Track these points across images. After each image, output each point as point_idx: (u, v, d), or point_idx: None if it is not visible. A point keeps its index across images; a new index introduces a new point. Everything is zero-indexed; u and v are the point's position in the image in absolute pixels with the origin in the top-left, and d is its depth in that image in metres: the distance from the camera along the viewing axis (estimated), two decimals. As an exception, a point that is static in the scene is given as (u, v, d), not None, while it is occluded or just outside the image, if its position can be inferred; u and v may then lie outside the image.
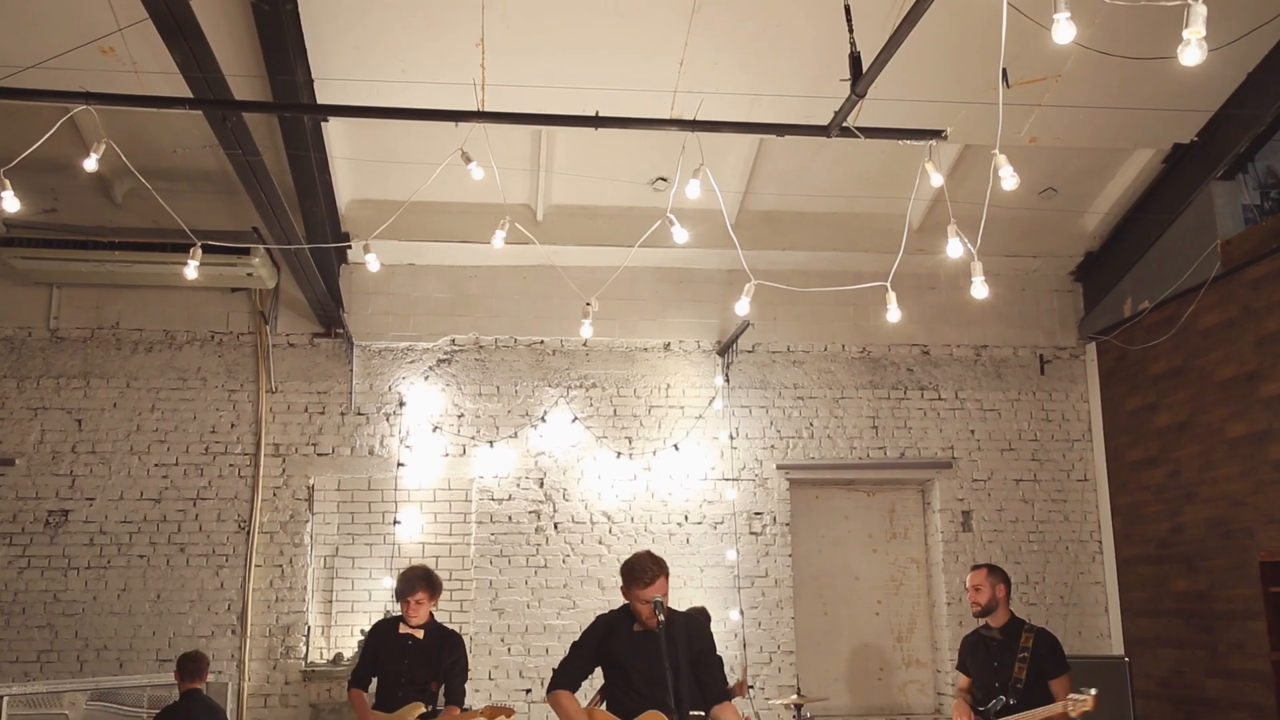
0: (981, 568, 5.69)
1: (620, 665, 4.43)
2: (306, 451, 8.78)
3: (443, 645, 5.83)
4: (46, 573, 8.37)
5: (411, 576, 5.90)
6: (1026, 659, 5.38)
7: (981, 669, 5.45)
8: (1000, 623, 5.53)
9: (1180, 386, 8.32)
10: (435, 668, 5.72)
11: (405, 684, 5.68)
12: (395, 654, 5.74)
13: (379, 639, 5.87)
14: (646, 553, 4.52)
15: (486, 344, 9.11)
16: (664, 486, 8.99)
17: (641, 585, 4.38)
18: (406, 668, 5.70)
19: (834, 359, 9.42)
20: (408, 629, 5.80)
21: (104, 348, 8.75)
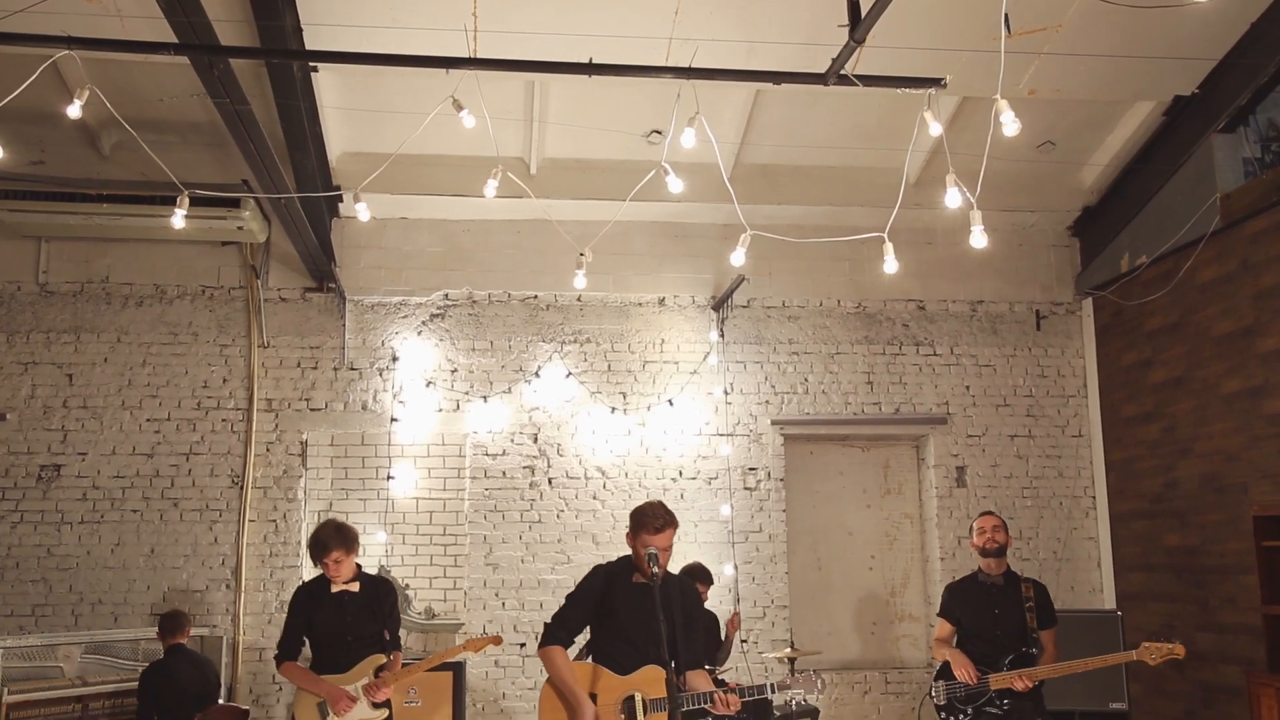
0: (995, 514, 5.67)
1: (616, 619, 4.35)
2: (299, 406, 8.74)
3: (379, 593, 5.51)
4: (40, 527, 8.35)
5: (322, 536, 5.45)
6: (1032, 608, 5.41)
7: (979, 617, 5.41)
8: (1000, 571, 5.53)
9: (1176, 342, 8.29)
10: (380, 618, 5.43)
11: (353, 641, 5.35)
12: (334, 613, 5.37)
13: (309, 603, 5.43)
14: (659, 502, 4.45)
15: (480, 299, 9.05)
16: (658, 442, 8.97)
17: (650, 531, 4.31)
18: (351, 624, 5.35)
19: (829, 314, 9.38)
20: (340, 586, 5.42)
21: (94, 302, 8.67)
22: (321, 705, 5.29)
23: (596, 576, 4.52)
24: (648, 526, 4.32)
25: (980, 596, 5.47)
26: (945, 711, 5.32)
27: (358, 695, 5.30)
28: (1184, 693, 8.09)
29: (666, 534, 4.34)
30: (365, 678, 5.35)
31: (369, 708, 5.32)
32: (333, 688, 5.28)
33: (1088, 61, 7.19)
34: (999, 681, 5.23)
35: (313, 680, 5.30)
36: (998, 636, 5.37)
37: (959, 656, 5.33)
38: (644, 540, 4.32)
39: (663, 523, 4.35)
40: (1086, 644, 6.87)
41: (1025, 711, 5.25)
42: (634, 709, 4.17)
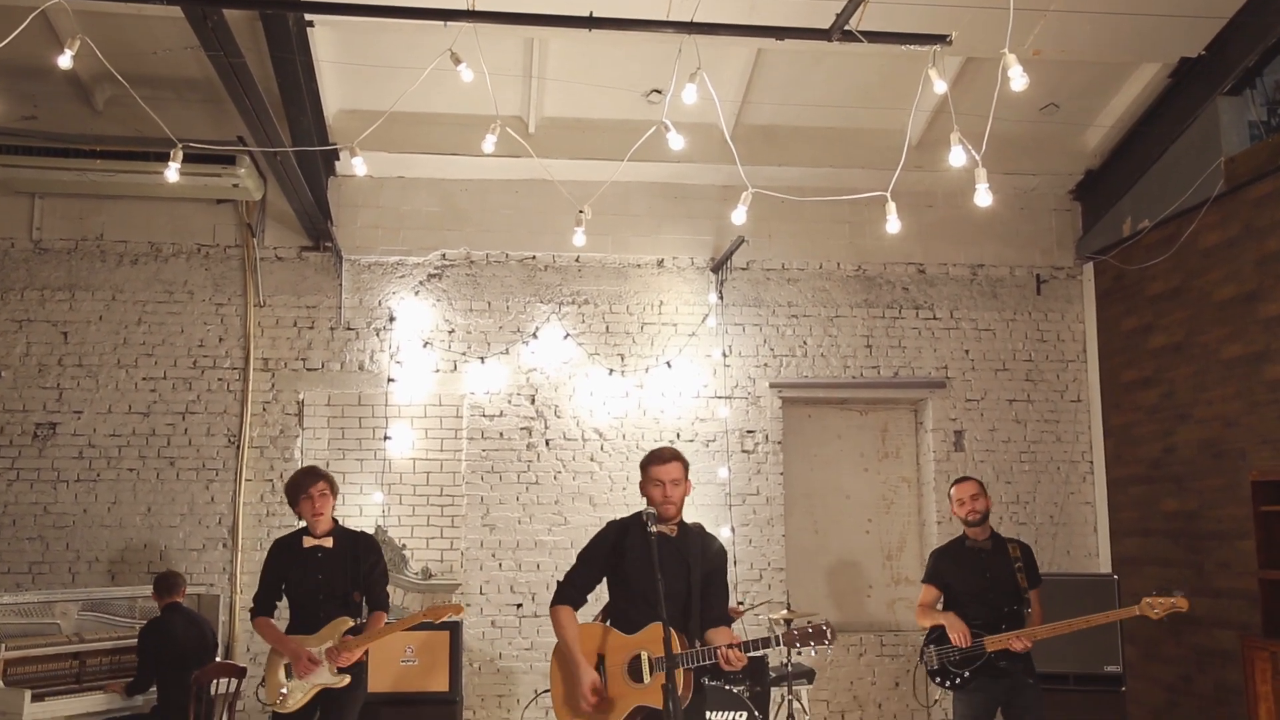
0: (972, 479, 5.58)
1: (627, 575, 4.23)
2: (296, 366, 8.70)
3: (356, 550, 5.28)
4: (36, 485, 8.33)
5: (305, 471, 5.29)
6: (1021, 569, 5.37)
7: (970, 580, 5.37)
8: (986, 535, 5.49)
9: (1177, 307, 8.25)
10: (354, 576, 5.21)
11: (324, 600, 5.16)
12: (305, 570, 5.18)
13: (282, 559, 5.27)
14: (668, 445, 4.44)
15: (478, 259, 8.98)
16: (656, 404, 8.95)
17: (657, 463, 4.23)
18: (322, 583, 5.15)
19: (829, 277, 9.32)
20: (314, 540, 5.22)
21: (88, 260, 8.61)
22: (289, 666, 5.14)
23: (608, 532, 4.39)
24: (654, 459, 4.26)
25: (970, 560, 5.42)
26: (939, 676, 5.29)
27: (320, 658, 5.10)
28: (1178, 657, 8.12)
29: (673, 465, 4.23)
30: (331, 640, 5.15)
31: (330, 673, 5.10)
32: (297, 648, 5.10)
33: (1093, 21, 7.10)
34: (995, 643, 5.20)
35: (280, 639, 5.16)
36: (990, 599, 5.34)
37: (954, 619, 5.26)
38: (651, 475, 4.22)
39: (669, 454, 4.28)
40: (1083, 607, 6.82)
41: (1018, 674, 5.23)
42: (640, 668, 4.07)
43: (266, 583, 5.32)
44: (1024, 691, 5.23)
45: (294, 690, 5.05)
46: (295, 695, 5.05)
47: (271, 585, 5.30)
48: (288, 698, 5.03)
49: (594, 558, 4.34)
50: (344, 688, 5.14)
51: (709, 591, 4.29)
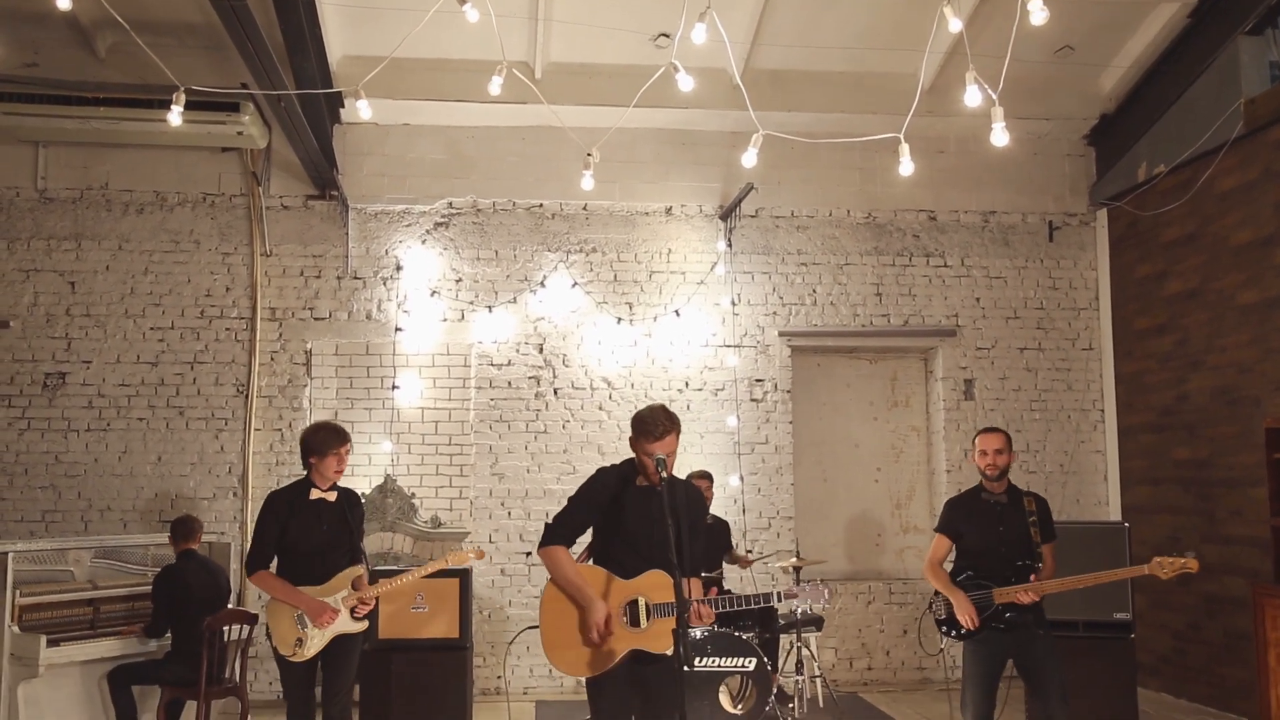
0: (1001, 431, 5.45)
1: (620, 522, 4.20)
2: (303, 316, 8.67)
3: (350, 503, 5.32)
4: (47, 435, 8.36)
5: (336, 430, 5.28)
6: (1035, 523, 5.30)
7: (985, 533, 5.31)
8: (1003, 489, 5.42)
9: (1192, 253, 8.16)
10: (354, 528, 5.27)
11: (329, 550, 5.17)
12: (312, 522, 5.17)
13: (286, 511, 5.18)
14: (661, 406, 4.21)
15: (484, 207, 8.92)
16: (664, 353, 8.91)
17: (651, 439, 4.10)
18: (328, 534, 5.16)
19: (839, 224, 9.24)
20: (319, 493, 5.21)
21: (94, 209, 8.56)
22: (300, 617, 5.11)
23: (602, 478, 4.33)
24: (649, 434, 4.12)
25: (985, 513, 5.34)
26: (947, 625, 5.26)
27: (340, 607, 5.13)
28: (1188, 605, 8.13)
29: (669, 440, 4.13)
30: (344, 589, 5.18)
31: (350, 620, 5.17)
32: (313, 600, 5.09)
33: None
34: (1003, 595, 5.17)
35: (291, 591, 5.10)
36: (1002, 552, 5.27)
37: (962, 601, 5.17)
38: (646, 448, 4.12)
39: (664, 429, 4.13)
40: (1093, 556, 6.86)
41: (1028, 625, 5.19)
42: (637, 613, 4.09)
43: (266, 535, 5.21)
44: (1035, 643, 5.16)
45: (312, 638, 5.07)
46: (314, 643, 5.07)
47: (270, 539, 5.20)
48: (306, 646, 5.05)
49: (590, 504, 4.27)
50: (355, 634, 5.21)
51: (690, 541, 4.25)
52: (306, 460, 5.30)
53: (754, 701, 5.97)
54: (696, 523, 4.35)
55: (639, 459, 4.19)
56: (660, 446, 4.11)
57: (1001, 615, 5.15)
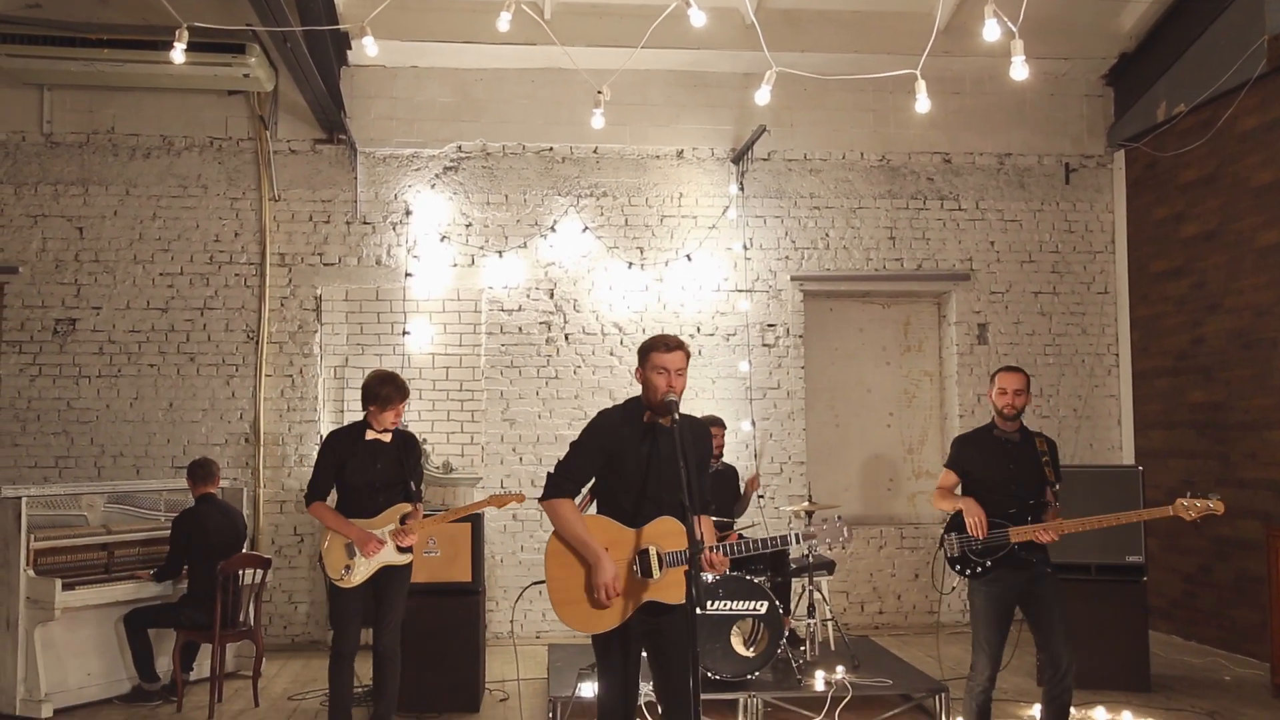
0: (1022, 372, 5.37)
1: (625, 465, 4.00)
2: (313, 261, 8.63)
3: (406, 446, 5.62)
4: (58, 381, 8.37)
5: (401, 385, 5.56)
6: (1048, 462, 5.24)
7: (992, 470, 5.24)
8: (1015, 429, 5.35)
9: (1211, 194, 8.04)
10: (406, 469, 5.55)
11: (381, 487, 5.47)
12: (367, 461, 5.45)
13: (343, 449, 5.47)
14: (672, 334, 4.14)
15: (494, 151, 8.82)
16: (676, 298, 8.86)
17: (661, 350, 3.97)
18: (380, 472, 5.46)
19: (852, 167, 9.12)
20: (375, 434, 5.49)
21: (100, 153, 8.50)
22: (349, 546, 5.39)
23: (604, 419, 4.11)
24: (657, 345, 3.99)
25: (995, 450, 5.26)
26: (959, 564, 5.20)
27: (385, 539, 5.41)
28: (1200, 548, 8.12)
29: (678, 354, 3.98)
30: (391, 524, 5.45)
31: (395, 551, 5.44)
32: (362, 531, 5.38)
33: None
34: (1020, 534, 5.10)
35: (343, 522, 5.40)
36: (1013, 490, 5.19)
37: (972, 505, 5.11)
38: (654, 361, 3.97)
39: (675, 342, 4.01)
40: (1106, 499, 6.83)
41: (1037, 565, 5.13)
42: (649, 564, 3.89)
43: (323, 469, 5.50)
44: (1043, 582, 5.10)
45: (358, 567, 5.36)
46: (360, 572, 5.36)
47: (328, 472, 5.50)
48: (353, 574, 5.36)
49: (594, 448, 4.06)
50: (397, 567, 5.48)
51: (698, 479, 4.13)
52: (366, 406, 5.53)
53: (766, 645, 5.99)
54: (704, 460, 4.23)
55: (647, 379, 4.02)
56: (671, 359, 3.95)
57: (1016, 554, 5.10)
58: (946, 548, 5.22)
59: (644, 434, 4.00)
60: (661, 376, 3.95)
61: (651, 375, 3.98)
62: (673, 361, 3.96)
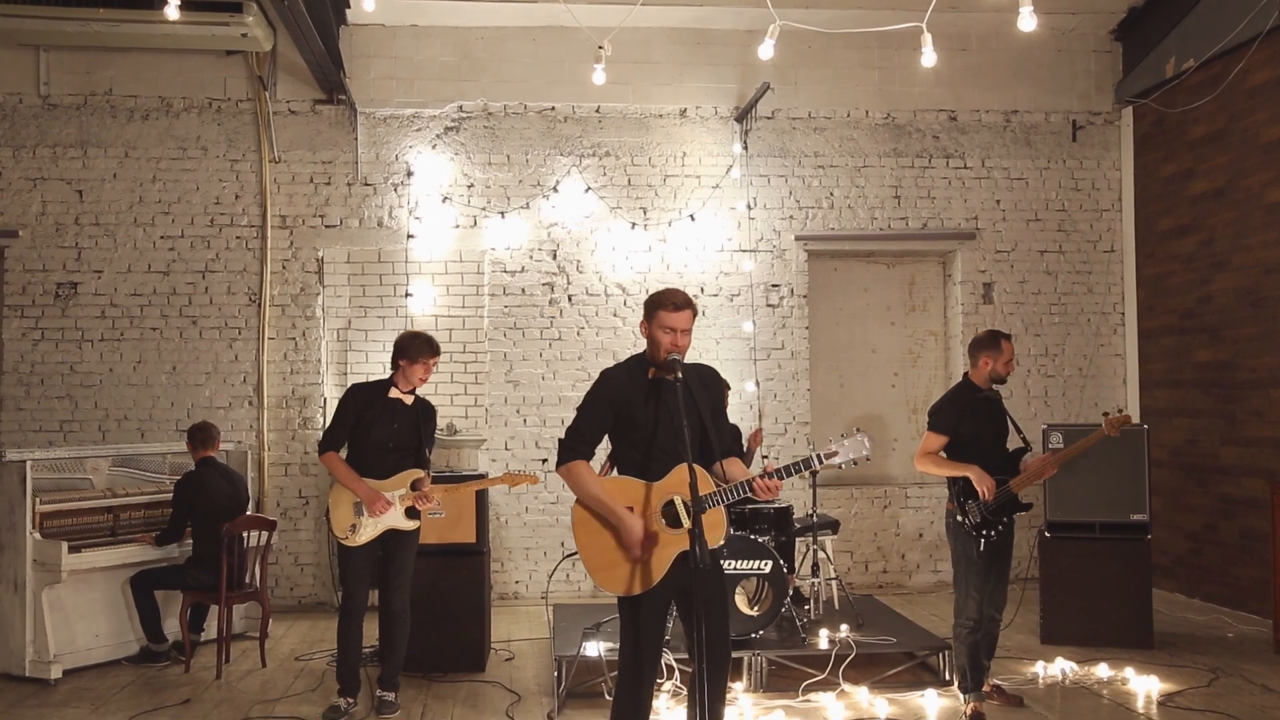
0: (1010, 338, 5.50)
1: (635, 422, 3.98)
2: (314, 223, 8.58)
3: (425, 413, 5.59)
4: (61, 345, 8.35)
5: (431, 343, 5.55)
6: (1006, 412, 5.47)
7: (986, 429, 5.33)
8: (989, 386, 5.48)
9: (1220, 150, 7.96)
10: (421, 435, 5.53)
11: (395, 450, 5.45)
12: (385, 419, 5.43)
13: (362, 403, 5.46)
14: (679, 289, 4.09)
15: (495, 110, 8.74)
16: (680, 258, 8.81)
17: (669, 308, 3.93)
18: (397, 432, 5.43)
19: (857, 125, 9.04)
20: (397, 394, 5.48)
21: (99, 115, 8.43)
22: (357, 505, 5.40)
23: (609, 378, 4.08)
24: (665, 304, 3.95)
25: (985, 409, 5.34)
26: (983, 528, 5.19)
27: (394, 501, 5.41)
28: (1204, 506, 8.12)
29: (685, 314, 3.96)
30: (401, 489, 5.44)
31: (402, 516, 5.45)
32: (371, 490, 5.37)
33: None
34: (1019, 484, 5.21)
35: (353, 477, 5.39)
36: (1002, 446, 5.36)
37: (980, 471, 5.17)
38: (661, 320, 3.93)
39: (683, 300, 3.98)
40: (1111, 458, 6.83)
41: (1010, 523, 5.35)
42: (676, 514, 3.85)
43: (341, 421, 5.49)
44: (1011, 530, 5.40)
45: (364, 526, 5.37)
46: (365, 531, 5.37)
47: (345, 424, 5.49)
48: (358, 533, 5.37)
49: (602, 407, 4.04)
50: (408, 531, 5.49)
51: (716, 424, 4.11)
52: (396, 362, 5.52)
53: (770, 604, 6.00)
54: (719, 404, 4.20)
55: (653, 336, 3.98)
56: (678, 319, 3.93)
57: (1019, 506, 5.22)
58: (969, 514, 5.21)
59: (649, 390, 3.99)
60: (667, 335, 3.94)
61: (657, 333, 3.96)
62: (679, 321, 3.95)
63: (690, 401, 3.87)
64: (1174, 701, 5.59)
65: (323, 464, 5.53)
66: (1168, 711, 5.43)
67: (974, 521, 5.20)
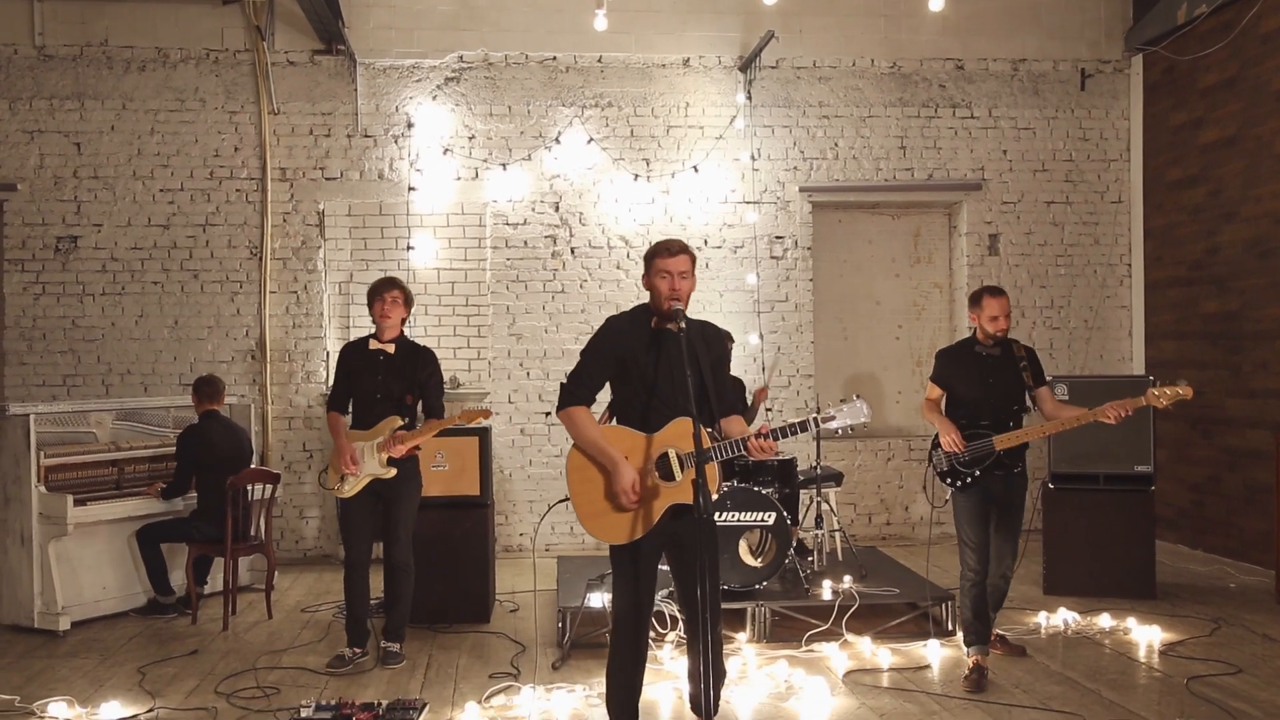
0: (1002, 293, 5.34)
1: (636, 371, 3.95)
2: (314, 176, 8.51)
3: (416, 360, 5.62)
4: (62, 299, 8.33)
5: (385, 279, 5.67)
6: (1025, 368, 5.26)
7: (974, 385, 5.25)
8: (995, 342, 5.33)
9: (1231, 99, 7.85)
10: (410, 382, 5.56)
11: (380, 400, 5.53)
12: (366, 371, 5.54)
13: (349, 358, 5.63)
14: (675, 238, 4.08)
15: (496, 60, 8.63)
16: (683, 210, 8.74)
17: (665, 255, 3.92)
18: (380, 383, 5.52)
19: (862, 75, 8.93)
20: (378, 345, 5.58)
21: (95, 66, 8.34)
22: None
23: (612, 325, 4.06)
24: (660, 251, 3.94)
25: (976, 365, 5.26)
26: (950, 477, 5.23)
27: (361, 457, 5.50)
28: (1209, 458, 8.11)
29: (682, 258, 3.93)
30: (381, 437, 5.53)
31: (378, 465, 5.51)
32: (345, 446, 5.51)
33: None
34: (1003, 441, 5.13)
35: (337, 436, 5.59)
36: (994, 402, 5.23)
37: (944, 423, 5.19)
38: (657, 266, 3.92)
39: (678, 246, 3.97)
40: (1115, 408, 6.80)
41: (1014, 479, 5.21)
42: (669, 466, 3.85)
43: (338, 380, 5.69)
44: (1014, 487, 5.25)
45: (348, 479, 5.53)
46: (350, 483, 5.53)
47: (341, 382, 5.65)
48: (345, 485, 5.52)
49: (603, 354, 4.02)
50: (398, 482, 5.54)
51: (716, 380, 4.09)
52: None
53: (774, 555, 6.01)
54: (720, 361, 4.16)
55: (653, 285, 3.95)
56: (674, 263, 3.90)
57: (1001, 461, 5.15)
58: (936, 462, 5.28)
59: (651, 341, 3.97)
60: (665, 280, 3.91)
61: (656, 280, 3.94)
62: (676, 265, 3.92)
63: (692, 355, 3.84)
64: (1175, 651, 5.61)
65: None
66: (1169, 660, 5.45)
67: (940, 469, 5.25)
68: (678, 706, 4.81)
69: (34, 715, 4.78)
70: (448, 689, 5.11)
